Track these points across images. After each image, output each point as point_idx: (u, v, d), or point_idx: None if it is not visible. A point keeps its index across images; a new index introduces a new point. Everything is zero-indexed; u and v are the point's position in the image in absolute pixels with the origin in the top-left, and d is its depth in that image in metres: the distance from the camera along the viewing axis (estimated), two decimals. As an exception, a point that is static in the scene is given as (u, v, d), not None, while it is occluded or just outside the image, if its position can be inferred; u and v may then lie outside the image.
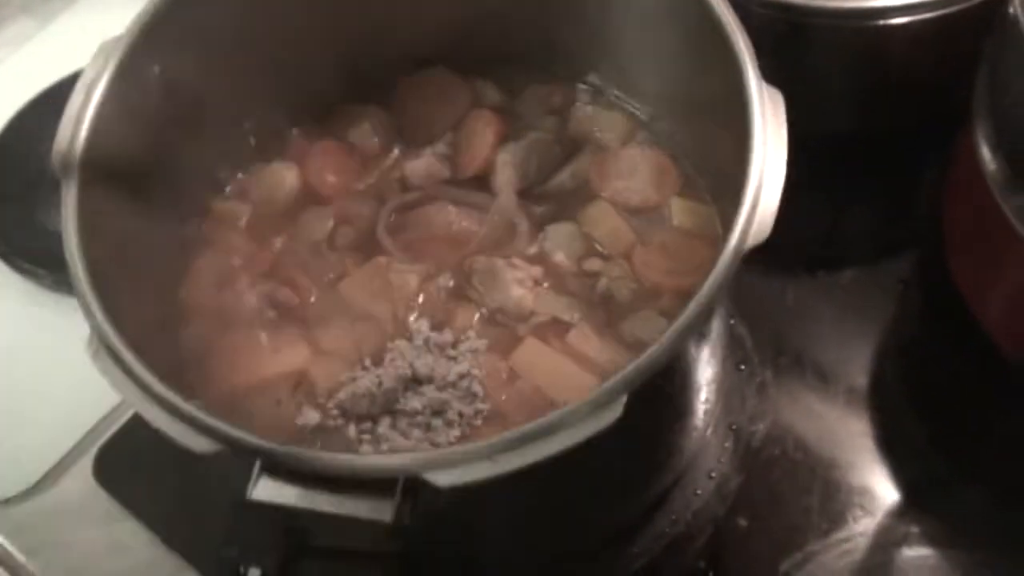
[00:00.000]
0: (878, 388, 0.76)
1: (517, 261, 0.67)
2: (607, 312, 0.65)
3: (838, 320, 0.78)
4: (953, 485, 0.73)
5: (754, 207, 0.52)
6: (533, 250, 0.68)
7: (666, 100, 0.69)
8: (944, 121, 0.73)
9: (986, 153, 0.65)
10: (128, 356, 0.51)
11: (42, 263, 0.82)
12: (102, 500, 0.73)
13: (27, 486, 0.74)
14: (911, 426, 0.75)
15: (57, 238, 0.56)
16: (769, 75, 0.53)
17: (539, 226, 0.69)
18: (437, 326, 0.65)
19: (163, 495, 0.71)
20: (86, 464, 0.74)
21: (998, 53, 0.65)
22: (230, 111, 0.70)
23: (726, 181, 0.58)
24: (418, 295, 0.66)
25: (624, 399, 0.48)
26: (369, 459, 0.49)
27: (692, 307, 0.50)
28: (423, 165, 0.72)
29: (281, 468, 0.49)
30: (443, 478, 0.47)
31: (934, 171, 0.78)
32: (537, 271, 0.67)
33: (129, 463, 0.73)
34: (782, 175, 0.53)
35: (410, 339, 0.64)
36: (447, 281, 0.67)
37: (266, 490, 0.48)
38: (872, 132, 0.80)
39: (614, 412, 0.48)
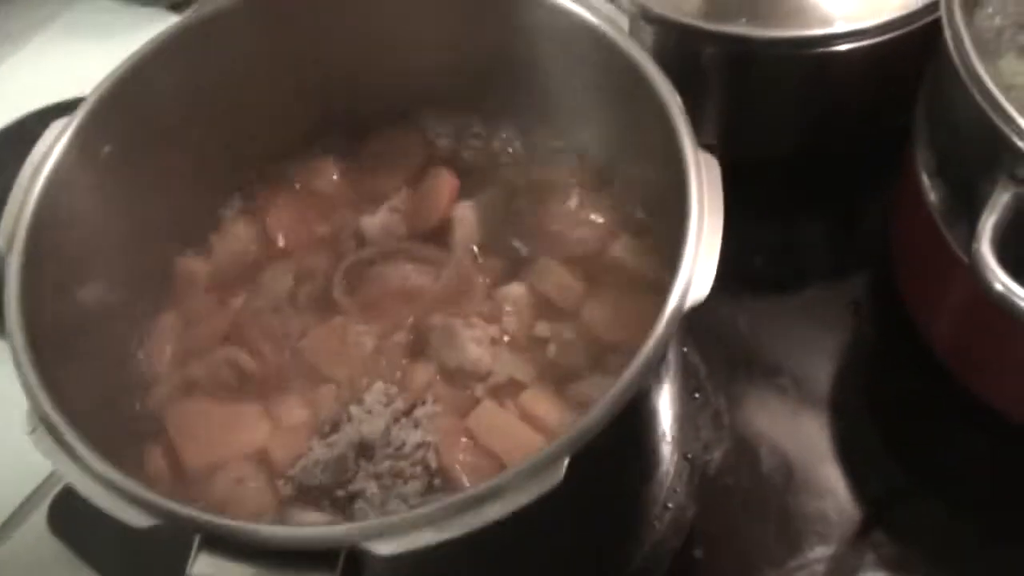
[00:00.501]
0: (834, 411, 0.76)
1: (475, 320, 0.67)
2: (558, 375, 0.65)
3: (791, 344, 0.79)
4: (910, 502, 0.73)
5: (691, 274, 0.53)
6: (489, 308, 0.68)
7: (614, 156, 0.70)
8: (893, 143, 0.74)
9: (926, 179, 0.67)
10: (66, 432, 0.51)
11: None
12: (58, 550, 0.72)
13: (-19, 537, 0.72)
14: (868, 448, 0.75)
15: None
16: (716, 103, 0.54)
17: (497, 282, 0.69)
18: (394, 389, 0.65)
19: (117, 545, 0.70)
20: (41, 515, 0.74)
21: (934, 83, 0.66)
22: (186, 173, 0.70)
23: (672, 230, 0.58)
24: (376, 356, 0.66)
25: (565, 463, 0.48)
26: (307, 531, 0.49)
27: (630, 371, 0.50)
28: (379, 221, 0.72)
29: (220, 544, 0.48)
30: (383, 547, 0.47)
31: (883, 193, 0.79)
32: (494, 330, 0.67)
33: (84, 513, 0.70)
34: (718, 241, 0.54)
35: (363, 404, 0.64)
36: (404, 339, 0.67)
37: (205, 567, 0.48)
38: (821, 155, 0.82)
39: (555, 476, 0.48)
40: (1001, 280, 0.55)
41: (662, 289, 0.62)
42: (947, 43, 0.60)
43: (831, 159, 0.82)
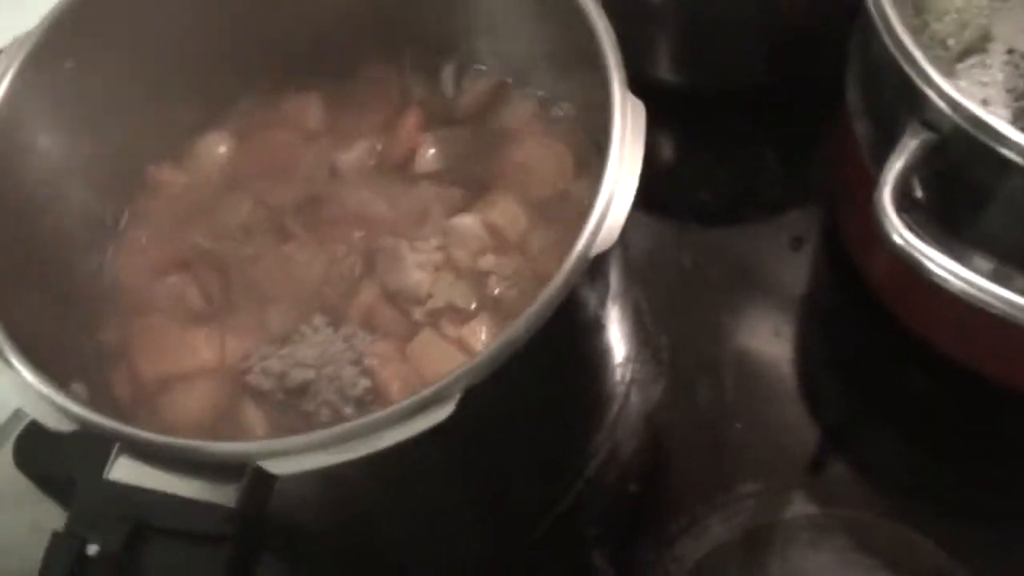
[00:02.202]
0: (773, 347, 0.77)
1: (420, 245, 0.69)
2: (500, 309, 0.67)
3: (734, 280, 0.80)
4: (845, 437, 0.75)
5: (603, 218, 0.54)
6: (439, 236, 0.70)
7: (562, 91, 0.71)
8: (836, 80, 0.73)
9: (856, 117, 0.67)
10: (5, 343, 0.54)
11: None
12: (22, 484, 0.75)
13: (-52, 472, 0.76)
14: (807, 384, 0.76)
15: None
16: (670, 32, 0.52)
17: (453, 212, 0.70)
18: (338, 310, 0.67)
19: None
20: (7, 450, 0.77)
21: (862, 20, 0.65)
22: (161, 97, 0.72)
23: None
24: (324, 279, 0.69)
25: (456, 398, 0.50)
26: (212, 446, 0.51)
27: (531, 311, 0.52)
28: (353, 157, 0.74)
29: (137, 450, 0.52)
30: (276, 467, 0.50)
31: (830, 127, 0.78)
32: (438, 257, 0.68)
33: (48, 448, 0.76)
34: (633, 189, 0.55)
35: (312, 325, 0.67)
36: (353, 263, 0.69)
37: (123, 471, 0.52)
38: (776, 87, 0.82)
39: (445, 410, 0.50)
40: (898, 231, 0.55)
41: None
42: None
43: (786, 91, 0.82)
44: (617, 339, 0.70)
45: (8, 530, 0.74)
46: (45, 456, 0.76)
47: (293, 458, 0.50)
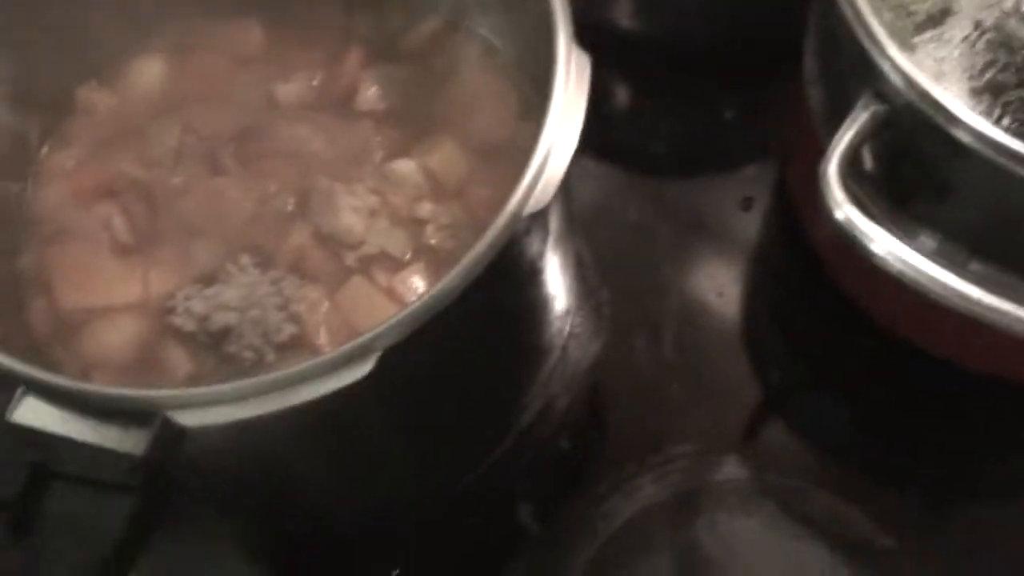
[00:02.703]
0: (717, 307, 0.77)
1: (356, 188, 0.66)
2: (434, 259, 0.65)
3: (680, 236, 0.79)
4: (781, 397, 0.75)
5: (539, 174, 0.52)
6: (376, 180, 0.67)
7: (507, 33, 0.69)
8: (795, 40, 0.71)
9: (809, 80, 0.66)
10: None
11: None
12: None
13: None
14: (747, 344, 0.76)
15: None
16: None
17: (392, 155, 0.68)
18: (267, 250, 0.65)
19: None
20: None
21: None
22: (92, 13, 0.69)
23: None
24: (255, 217, 0.66)
25: (376, 356, 0.49)
26: (123, 392, 0.50)
27: (458, 269, 0.51)
28: (294, 89, 0.71)
29: (44, 392, 0.50)
30: (187, 418, 0.48)
31: (784, 86, 0.77)
32: (375, 201, 0.66)
33: None
34: (572, 145, 0.53)
35: (238, 263, 0.65)
36: (285, 203, 0.67)
37: (27, 413, 0.50)
38: (733, 42, 0.81)
39: (363, 368, 0.48)
40: (840, 206, 0.54)
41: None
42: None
43: (745, 48, 0.81)
44: (557, 291, 0.69)
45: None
46: None
47: (204, 410, 0.48)
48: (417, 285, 0.64)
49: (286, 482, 0.64)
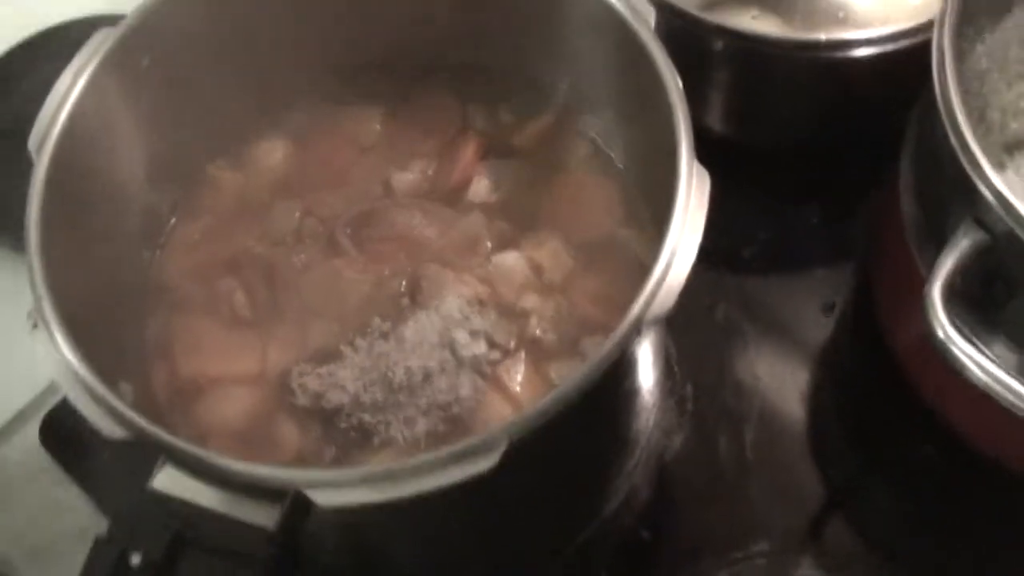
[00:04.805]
0: (799, 407, 0.79)
1: (466, 277, 0.69)
2: (538, 351, 0.68)
3: (764, 336, 0.81)
4: (858, 502, 0.76)
5: (660, 281, 0.55)
6: (485, 270, 0.70)
7: (621, 140, 0.73)
8: (887, 147, 0.74)
9: (904, 195, 0.67)
10: (60, 334, 0.55)
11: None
12: (46, 464, 0.76)
13: (-27, 447, 0.76)
14: (828, 447, 0.78)
15: (19, 198, 0.58)
16: (720, 89, 0.53)
17: (501, 246, 0.71)
18: (381, 333, 0.68)
19: (102, 462, 0.75)
20: (34, 428, 0.77)
21: (923, 104, 0.66)
22: (226, 97, 0.73)
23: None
24: (370, 299, 0.69)
25: (503, 448, 0.51)
26: (258, 470, 0.52)
27: (586, 367, 0.53)
28: (410, 178, 0.75)
29: (183, 463, 0.53)
30: (321, 497, 0.51)
31: (873, 196, 0.80)
32: (484, 291, 0.69)
33: (74, 429, 0.75)
34: (692, 256, 0.56)
35: (353, 345, 0.67)
36: (399, 286, 0.70)
37: (166, 481, 0.53)
38: (820, 150, 0.83)
39: (489, 461, 0.51)
40: (945, 330, 0.56)
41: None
42: (931, 65, 0.60)
43: (830, 154, 0.83)
44: (648, 385, 0.71)
45: (32, 510, 0.75)
46: (73, 439, 0.76)
47: (338, 491, 0.51)
48: (519, 375, 0.67)
49: (383, 557, 0.67)
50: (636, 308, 0.54)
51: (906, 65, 0.70)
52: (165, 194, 0.72)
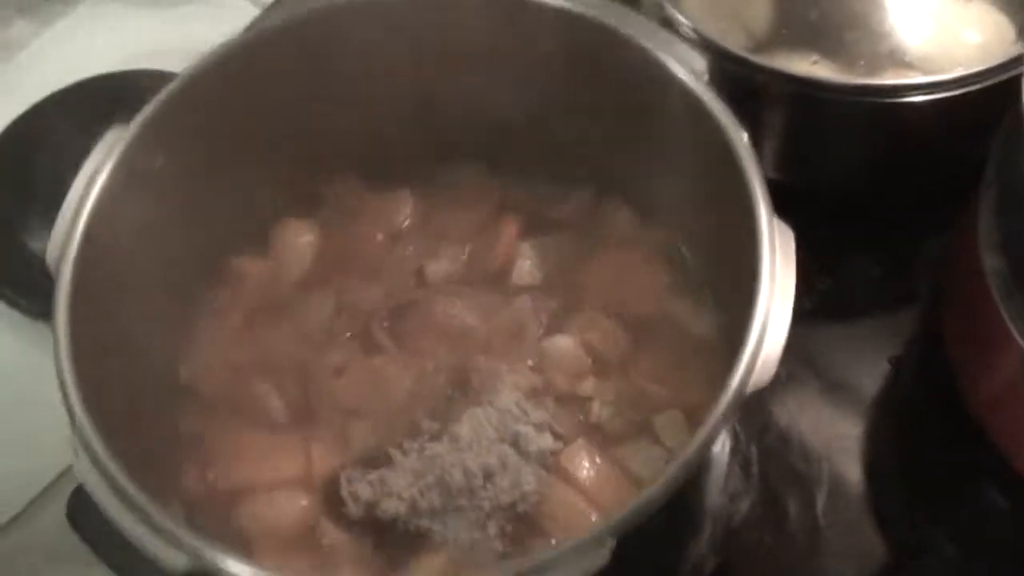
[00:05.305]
0: (864, 468, 0.74)
1: (519, 367, 0.65)
2: (601, 437, 0.63)
3: (826, 396, 0.77)
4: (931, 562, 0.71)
5: (757, 350, 0.51)
6: (537, 357, 0.66)
7: (680, 218, 0.68)
8: (953, 194, 0.70)
9: (986, 248, 0.64)
10: (108, 461, 0.50)
11: (25, 290, 0.80)
12: (73, 543, 0.70)
13: (-1, 523, 0.71)
14: (896, 509, 0.73)
15: (41, 263, 0.56)
16: (777, 134, 0.50)
17: (548, 328, 0.67)
18: (430, 432, 0.63)
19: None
20: (60, 505, 0.72)
21: (1006, 150, 0.63)
22: (248, 187, 0.69)
23: (731, 298, 0.57)
24: (413, 395, 0.65)
25: (611, 545, 0.47)
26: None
27: (685, 455, 0.49)
28: (444, 267, 0.70)
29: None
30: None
31: (940, 243, 0.77)
32: (538, 380, 0.65)
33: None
34: (788, 317, 0.52)
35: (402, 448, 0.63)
36: (444, 381, 0.65)
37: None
38: (880, 198, 0.80)
39: (600, 557, 0.47)
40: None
41: (714, 350, 0.61)
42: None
43: (890, 203, 0.80)
44: (723, 458, 0.68)
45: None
46: (101, 518, 0.70)
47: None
48: (585, 461, 0.62)
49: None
50: (734, 384, 0.51)
51: (970, 109, 0.69)
52: (189, 293, 0.68)
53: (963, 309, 0.70)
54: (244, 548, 0.60)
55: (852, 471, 0.74)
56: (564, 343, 0.66)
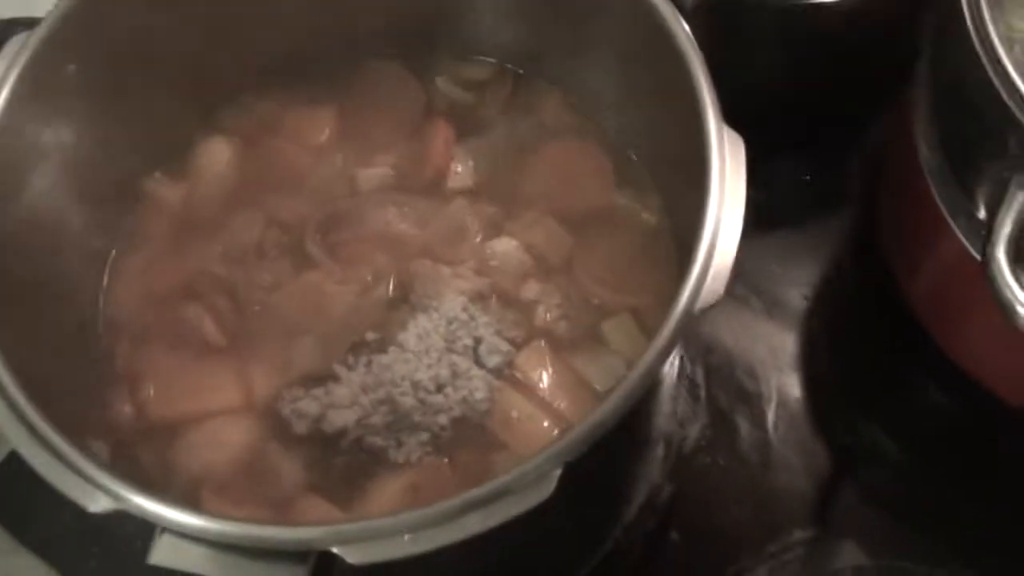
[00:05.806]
0: (807, 380, 0.73)
1: (463, 271, 0.63)
2: (552, 343, 0.61)
3: (766, 310, 0.75)
4: (884, 464, 0.71)
5: (707, 266, 0.49)
6: (477, 261, 0.64)
7: (621, 107, 0.66)
8: (891, 95, 0.70)
9: (924, 149, 0.63)
10: (17, 392, 0.47)
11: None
12: None
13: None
14: (840, 415, 0.72)
15: None
16: (705, 47, 0.49)
17: (487, 233, 0.64)
18: (379, 344, 0.61)
19: (61, 527, 0.66)
20: None
21: (936, 47, 0.61)
22: (162, 98, 0.64)
23: (680, 198, 0.55)
24: (354, 307, 0.62)
25: (557, 474, 0.45)
26: (275, 531, 0.45)
27: (635, 376, 0.47)
28: (377, 173, 0.67)
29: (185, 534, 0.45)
30: (354, 554, 0.44)
31: (870, 144, 0.76)
32: (483, 284, 0.63)
33: (24, 492, 0.63)
34: (738, 230, 0.49)
35: (345, 362, 0.60)
36: (386, 291, 0.63)
37: (167, 553, 0.45)
38: (812, 105, 0.78)
39: (545, 489, 0.45)
40: (1016, 295, 0.51)
41: (663, 254, 0.60)
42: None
43: (818, 107, 0.78)
44: (670, 378, 0.66)
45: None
46: (21, 501, 0.67)
47: (371, 544, 0.44)
48: (540, 368, 0.60)
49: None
50: (683, 299, 0.48)
51: (892, 12, 0.68)
52: (102, 220, 0.64)
53: (899, 203, 0.69)
54: (190, 489, 0.57)
55: (797, 384, 0.73)
56: (505, 245, 0.64)
